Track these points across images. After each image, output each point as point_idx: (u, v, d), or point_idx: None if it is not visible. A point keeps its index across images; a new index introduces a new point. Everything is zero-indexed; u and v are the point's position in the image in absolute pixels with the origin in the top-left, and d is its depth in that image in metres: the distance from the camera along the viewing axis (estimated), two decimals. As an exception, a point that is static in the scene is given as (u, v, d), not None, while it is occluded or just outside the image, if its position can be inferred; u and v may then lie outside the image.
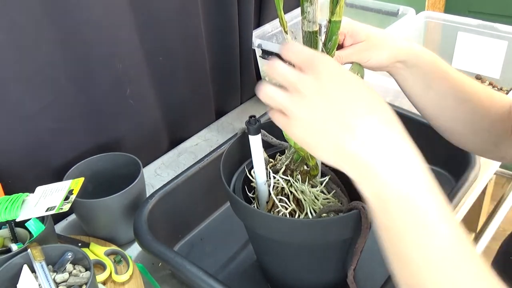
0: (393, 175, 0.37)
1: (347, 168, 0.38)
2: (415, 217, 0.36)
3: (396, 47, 0.65)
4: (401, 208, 0.36)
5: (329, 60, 0.40)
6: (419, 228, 0.36)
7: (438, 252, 0.36)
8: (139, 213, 0.84)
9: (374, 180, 0.37)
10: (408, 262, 0.37)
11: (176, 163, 1.13)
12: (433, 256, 0.36)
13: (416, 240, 0.36)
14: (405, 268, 0.38)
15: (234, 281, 0.86)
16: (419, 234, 0.36)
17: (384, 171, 0.37)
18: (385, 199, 0.37)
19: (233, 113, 1.31)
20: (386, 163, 0.37)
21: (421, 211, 0.36)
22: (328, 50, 0.60)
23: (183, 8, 1.04)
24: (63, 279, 0.71)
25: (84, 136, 0.97)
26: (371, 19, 1.49)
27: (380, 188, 0.37)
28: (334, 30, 0.58)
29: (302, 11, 0.58)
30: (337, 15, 0.57)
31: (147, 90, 1.05)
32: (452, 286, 0.35)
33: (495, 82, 1.35)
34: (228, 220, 0.98)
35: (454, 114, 0.65)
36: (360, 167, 0.38)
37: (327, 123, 0.38)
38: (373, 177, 0.37)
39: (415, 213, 0.36)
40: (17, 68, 0.81)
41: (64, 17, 0.84)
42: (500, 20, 1.33)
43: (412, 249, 0.37)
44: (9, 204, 0.75)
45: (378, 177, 0.37)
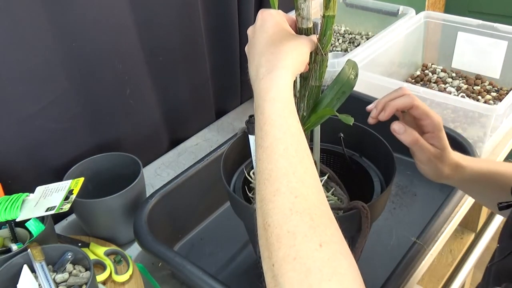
0: (258, 93, 0.52)
1: (252, 87, 0.54)
2: (259, 122, 0.50)
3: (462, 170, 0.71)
4: (256, 115, 0.51)
5: (262, 14, 0.57)
6: (259, 130, 0.49)
7: (265, 153, 0.48)
8: (139, 213, 0.84)
9: (254, 93, 0.53)
10: (255, 160, 0.49)
11: (176, 163, 1.13)
12: (261, 155, 0.48)
13: (257, 140, 0.49)
14: (257, 155, 0.49)
15: (234, 281, 0.86)
16: (258, 135, 0.49)
17: (257, 89, 0.53)
18: (254, 107, 0.52)
19: (233, 113, 1.31)
20: (259, 89, 0.52)
21: (263, 118, 0.50)
22: (323, 45, 0.59)
23: (183, 8, 1.04)
24: (63, 279, 0.71)
25: (84, 136, 0.97)
26: (371, 19, 1.49)
27: (254, 98, 0.52)
28: (329, 25, 0.58)
29: (296, 8, 0.58)
30: (331, 9, 0.57)
31: (147, 90, 1.05)
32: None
33: (495, 82, 1.35)
34: (228, 220, 0.98)
35: None
36: (253, 87, 0.54)
37: (255, 53, 0.56)
38: (254, 92, 0.53)
39: (260, 119, 0.50)
40: (17, 68, 0.81)
41: (64, 17, 0.84)
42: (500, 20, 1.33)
43: (256, 147, 0.49)
44: (9, 204, 0.75)
45: (254, 92, 0.53)
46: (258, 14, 0.58)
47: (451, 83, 1.37)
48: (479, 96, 1.30)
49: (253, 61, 0.55)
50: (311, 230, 0.42)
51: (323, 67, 0.61)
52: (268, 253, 0.43)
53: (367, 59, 1.21)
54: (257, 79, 0.53)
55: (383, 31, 1.30)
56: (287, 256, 0.41)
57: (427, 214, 0.83)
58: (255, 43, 0.56)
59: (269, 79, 0.51)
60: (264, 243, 0.44)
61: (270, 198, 0.45)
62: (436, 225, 0.81)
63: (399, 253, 0.76)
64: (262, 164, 0.47)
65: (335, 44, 1.50)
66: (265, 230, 0.44)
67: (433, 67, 1.45)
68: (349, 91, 0.65)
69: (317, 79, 0.62)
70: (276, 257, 0.41)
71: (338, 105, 0.65)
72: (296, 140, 0.48)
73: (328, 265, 0.40)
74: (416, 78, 1.43)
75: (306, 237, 0.41)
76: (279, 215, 0.43)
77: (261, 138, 0.49)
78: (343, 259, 0.41)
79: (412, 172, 1.07)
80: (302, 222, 0.42)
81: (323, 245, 0.41)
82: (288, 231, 0.42)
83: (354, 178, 0.82)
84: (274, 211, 0.44)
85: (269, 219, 0.44)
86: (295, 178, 0.45)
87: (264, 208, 0.45)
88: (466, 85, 1.35)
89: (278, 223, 0.43)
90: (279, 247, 0.42)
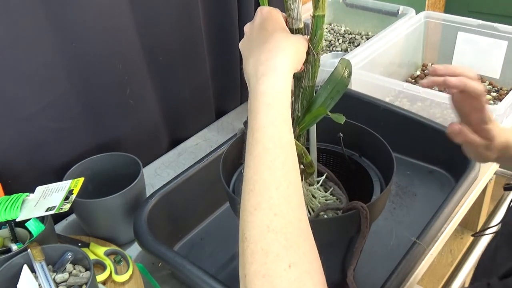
0: (254, 97, 0.51)
1: (250, 84, 0.54)
2: (251, 128, 0.50)
3: None
4: (249, 118, 0.51)
5: (261, 11, 0.58)
6: (250, 136, 0.49)
7: (253, 161, 0.48)
8: (139, 213, 0.84)
9: (249, 94, 0.53)
10: (248, 158, 0.49)
11: (176, 163, 1.13)
12: (249, 163, 0.48)
13: (247, 146, 0.49)
14: (246, 161, 0.49)
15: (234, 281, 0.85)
16: (249, 141, 0.49)
17: (253, 90, 0.52)
18: (249, 105, 0.51)
19: (233, 113, 1.31)
20: (255, 90, 0.52)
21: (256, 124, 0.49)
22: (314, 45, 0.59)
23: (183, 8, 1.04)
24: (63, 279, 0.72)
25: (84, 136, 0.97)
26: (371, 19, 1.49)
27: (252, 91, 0.52)
28: (319, 25, 0.57)
29: (286, 9, 0.57)
30: (320, 9, 0.56)
31: (147, 90, 1.05)
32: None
33: (495, 82, 1.35)
34: (228, 220, 0.98)
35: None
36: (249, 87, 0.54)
37: (252, 50, 0.55)
38: (249, 93, 0.53)
39: (253, 124, 0.50)
40: (17, 68, 0.81)
41: (64, 18, 0.84)
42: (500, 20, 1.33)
43: (246, 153, 0.49)
44: (9, 204, 0.75)
45: (250, 92, 0.53)
46: (257, 11, 0.58)
47: (451, 83, 1.37)
48: (479, 96, 1.30)
49: (250, 58, 0.54)
50: (284, 251, 0.43)
51: (315, 67, 0.61)
52: (242, 263, 0.44)
53: (367, 59, 1.21)
54: (254, 77, 0.52)
55: (383, 31, 1.30)
56: (258, 272, 0.42)
57: (427, 214, 0.83)
58: (253, 39, 0.56)
59: (266, 80, 0.51)
60: (241, 253, 0.45)
61: (251, 211, 0.46)
62: (436, 225, 0.81)
63: (399, 253, 0.76)
64: (249, 172, 0.48)
65: (335, 44, 1.50)
66: (242, 242, 0.45)
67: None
68: (343, 89, 0.65)
69: (310, 79, 0.62)
70: (248, 270, 0.43)
71: (332, 104, 0.64)
72: (285, 152, 0.49)
73: (294, 285, 0.42)
74: (416, 78, 1.43)
75: (278, 256, 0.43)
76: (256, 230, 0.44)
77: (252, 145, 0.49)
78: (309, 280, 0.42)
79: (412, 172, 1.07)
80: (276, 241, 0.43)
81: (292, 265, 0.42)
82: (262, 248, 0.43)
83: (353, 178, 0.82)
84: (252, 225, 0.45)
85: (247, 233, 0.45)
86: (277, 194, 0.46)
87: (244, 219, 0.46)
88: (466, 85, 1.35)
89: (254, 239, 0.44)
90: (252, 262, 0.43)
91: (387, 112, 1.06)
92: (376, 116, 1.05)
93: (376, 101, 1.09)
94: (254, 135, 0.49)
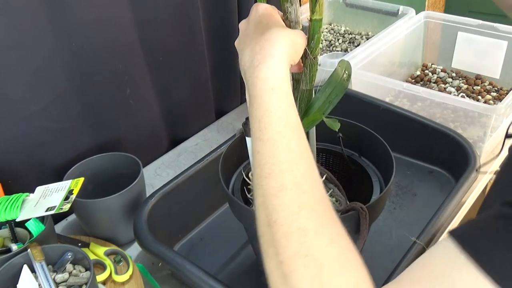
0: (253, 84, 0.50)
1: (244, 80, 0.53)
2: (256, 114, 0.48)
3: None
4: (252, 107, 0.49)
5: (257, 7, 0.56)
6: (257, 122, 0.48)
7: (265, 146, 0.47)
8: (139, 213, 0.84)
9: (247, 85, 0.52)
10: (252, 155, 0.48)
11: (176, 163, 1.13)
12: (261, 148, 0.47)
13: (255, 133, 0.48)
14: (251, 160, 0.49)
15: (234, 281, 0.86)
16: (256, 128, 0.48)
17: (252, 78, 0.50)
18: (249, 98, 0.51)
19: (233, 113, 1.31)
20: (254, 78, 0.50)
21: (261, 110, 0.48)
22: (311, 49, 0.58)
23: (183, 8, 1.04)
24: (63, 279, 0.72)
25: (84, 136, 0.97)
26: (371, 19, 1.49)
27: (248, 90, 0.51)
28: (316, 29, 0.57)
29: (284, 11, 0.57)
30: (317, 13, 0.56)
31: (147, 90, 1.05)
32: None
33: (495, 82, 1.35)
34: (228, 220, 0.98)
35: None
36: (245, 78, 0.53)
37: (248, 42, 0.54)
38: (246, 83, 0.52)
39: (257, 111, 0.48)
40: (17, 68, 0.81)
41: (64, 17, 0.84)
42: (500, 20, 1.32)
43: (253, 140, 0.48)
44: (9, 204, 0.75)
45: (248, 84, 0.51)
46: (252, 7, 0.57)
47: (451, 83, 1.37)
48: (479, 96, 1.30)
49: (245, 50, 0.53)
50: (321, 227, 0.42)
51: (313, 70, 0.61)
52: (274, 250, 0.42)
53: (367, 59, 1.21)
54: (251, 66, 0.50)
55: (383, 31, 1.30)
56: (298, 253, 0.40)
57: (427, 214, 0.83)
58: (248, 33, 0.55)
59: (265, 67, 0.49)
60: (269, 240, 0.43)
61: (275, 194, 0.44)
62: (436, 225, 0.81)
63: (399, 253, 0.76)
64: (263, 158, 0.46)
65: (335, 44, 1.50)
66: (270, 227, 0.43)
67: (433, 67, 1.45)
68: (342, 93, 0.65)
69: (308, 82, 0.62)
70: (285, 254, 0.41)
71: (330, 108, 0.64)
72: (297, 133, 0.48)
73: (339, 260, 0.40)
74: (416, 78, 1.43)
75: (317, 233, 0.41)
76: (286, 211, 0.43)
77: (260, 130, 0.47)
78: (352, 254, 0.41)
79: (412, 172, 1.07)
80: (311, 219, 0.42)
81: (332, 241, 0.41)
82: (298, 228, 0.42)
83: (353, 178, 0.82)
84: (280, 207, 0.43)
85: (274, 216, 0.43)
86: (299, 173, 0.45)
87: (268, 204, 0.44)
88: (466, 85, 1.35)
89: (286, 220, 0.42)
90: (288, 244, 0.41)
91: (387, 112, 1.06)
92: (376, 116, 1.05)
93: (376, 101, 1.09)
94: (262, 121, 0.47)
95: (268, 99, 0.48)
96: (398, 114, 1.05)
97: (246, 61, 0.52)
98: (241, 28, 0.58)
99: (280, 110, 0.48)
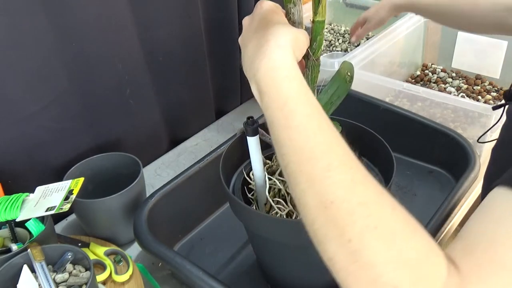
0: (265, 75, 0.49)
1: (250, 75, 0.52)
2: (277, 103, 0.47)
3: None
4: (269, 98, 0.48)
5: (261, 4, 0.56)
6: (279, 111, 0.47)
7: (297, 131, 0.45)
8: (139, 213, 0.84)
9: (256, 78, 0.50)
10: (279, 145, 0.47)
11: (176, 163, 1.13)
12: (293, 135, 0.45)
13: (279, 122, 0.47)
14: (279, 151, 0.47)
15: (234, 281, 0.86)
16: (280, 116, 0.46)
17: (262, 69, 0.49)
18: (260, 91, 0.49)
19: (233, 113, 1.31)
20: (263, 68, 0.49)
21: (281, 98, 0.47)
22: (313, 51, 0.58)
23: (183, 8, 1.04)
24: (63, 279, 0.72)
25: (84, 136, 0.97)
26: (371, 19, 1.49)
27: (258, 82, 0.49)
28: (318, 30, 0.57)
29: (287, 12, 0.57)
30: (320, 14, 0.56)
31: (147, 90, 1.05)
32: (309, 159, 0.44)
33: (495, 82, 1.35)
34: (228, 220, 0.98)
35: None
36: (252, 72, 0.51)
37: (253, 36, 0.53)
38: (255, 76, 0.50)
39: (277, 100, 0.47)
40: (17, 68, 0.81)
41: (64, 17, 0.84)
42: (500, 20, 1.32)
43: (278, 130, 0.47)
44: (9, 204, 0.75)
45: (257, 76, 0.50)
46: (256, 5, 0.57)
47: (451, 83, 1.37)
48: (479, 96, 1.30)
49: (249, 44, 0.53)
50: (379, 197, 0.42)
51: (315, 72, 0.60)
52: (337, 231, 0.41)
53: (367, 59, 1.21)
54: (257, 59, 0.49)
55: (383, 31, 1.30)
56: (367, 226, 0.40)
57: (427, 214, 0.83)
58: (251, 29, 0.55)
59: (275, 57, 0.49)
60: (327, 223, 0.42)
61: (324, 175, 0.43)
62: (436, 225, 0.81)
63: (399, 253, 0.76)
64: (297, 143, 0.45)
65: (335, 44, 1.50)
66: (327, 209, 0.42)
67: (433, 67, 1.45)
68: (344, 94, 0.65)
69: (310, 84, 0.62)
70: (353, 232, 0.40)
71: (332, 109, 0.64)
72: (323, 114, 0.47)
73: (406, 224, 0.41)
74: (416, 78, 1.43)
75: (379, 204, 0.41)
76: (342, 189, 0.42)
77: (286, 118, 0.46)
78: (412, 218, 0.42)
79: (412, 172, 1.07)
80: (368, 192, 0.42)
81: (394, 207, 0.42)
82: (359, 202, 0.41)
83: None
84: (334, 186, 0.42)
85: (330, 196, 0.42)
86: (340, 150, 0.45)
87: (318, 187, 0.43)
88: (466, 85, 1.35)
89: (344, 198, 0.41)
90: (354, 221, 0.40)
91: (387, 112, 1.06)
92: (376, 116, 1.05)
93: (376, 101, 1.09)
94: (285, 109, 0.46)
95: (287, 86, 0.47)
96: (398, 114, 1.06)
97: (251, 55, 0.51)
98: (244, 24, 0.58)
99: (302, 95, 0.47)
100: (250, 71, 0.51)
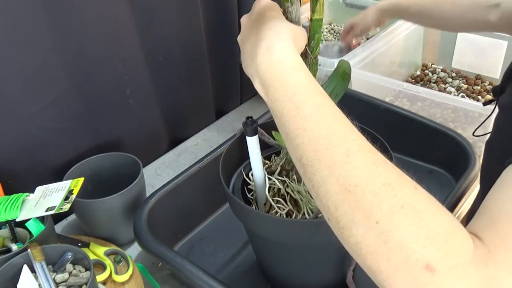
0: (269, 67, 0.49)
1: (251, 71, 0.52)
2: (285, 95, 0.47)
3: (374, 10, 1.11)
4: (276, 90, 0.48)
5: (259, 2, 0.56)
6: (289, 102, 0.47)
7: (311, 120, 0.45)
8: (139, 213, 0.84)
9: (259, 72, 0.50)
10: (291, 136, 0.46)
11: (176, 163, 1.13)
12: (306, 124, 0.46)
13: (289, 113, 0.47)
14: (291, 143, 0.47)
15: (234, 281, 0.86)
16: (290, 107, 0.47)
17: (266, 63, 0.49)
18: (265, 84, 0.49)
19: (233, 113, 1.31)
20: (267, 62, 0.49)
21: (290, 89, 0.47)
22: (311, 49, 0.58)
23: (183, 8, 1.04)
24: (63, 279, 0.72)
25: (84, 136, 0.97)
26: (371, 19, 1.49)
27: (261, 76, 0.49)
28: (316, 29, 0.57)
29: (284, 11, 0.57)
30: (318, 13, 0.56)
31: (147, 90, 1.05)
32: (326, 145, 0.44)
33: (495, 82, 1.35)
34: (228, 220, 0.98)
35: None
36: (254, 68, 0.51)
37: (250, 34, 0.54)
38: (258, 71, 0.50)
39: (285, 91, 0.47)
40: (17, 68, 0.81)
41: (64, 17, 0.84)
42: (500, 20, 1.32)
43: (288, 121, 0.47)
44: (9, 204, 0.75)
45: (260, 70, 0.50)
46: (255, 3, 0.58)
47: (451, 83, 1.37)
48: (479, 96, 1.30)
49: (249, 40, 0.53)
50: (401, 177, 0.43)
51: (313, 70, 0.60)
52: (363, 214, 0.41)
53: (367, 59, 1.21)
54: (259, 53, 0.50)
55: (383, 31, 1.30)
56: (393, 206, 0.40)
57: (427, 214, 0.83)
58: (250, 26, 0.55)
59: (278, 50, 0.49)
60: (353, 207, 0.42)
61: (345, 160, 0.43)
62: (436, 225, 0.81)
63: (399, 253, 0.76)
64: (312, 132, 0.45)
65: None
66: (351, 193, 0.42)
67: (433, 67, 1.45)
68: (342, 93, 0.65)
69: None
70: (380, 213, 0.40)
71: None
72: (333, 103, 0.48)
73: (430, 202, 0.41)
74: (416, 78, 1.43)
75: (402, 184, 0.42)
76: (364, 173, 0.42)
77: (296, 109, 0.46)
78: (432, 196, 0.42)
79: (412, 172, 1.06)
80: (389, 172, 0.43)
81: (415, 186, 0.42)
82: (382, 183, 0.41)
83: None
84: (356, 170, 0.42)
85: (353, 180, 0.42)
86: (355, 135, 0.45)
87: (340, 172, 0.43)
88: (466, 85, 1.35)
89: (368, 180, 0.42)
90: (379, 202, 0.40)
91: (387, 112, 1.06)
92: (376, 116, 1.05)
93: (376, 101, 1.09)
94: (294, 100, 0.47)
95: (295, 77, 0.48)
96: (398, 114, 1.06)
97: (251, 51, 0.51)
98: (243, 22, 0.58)
99: (310, 85, 0.48)
100: (251, 66, 0.51)
